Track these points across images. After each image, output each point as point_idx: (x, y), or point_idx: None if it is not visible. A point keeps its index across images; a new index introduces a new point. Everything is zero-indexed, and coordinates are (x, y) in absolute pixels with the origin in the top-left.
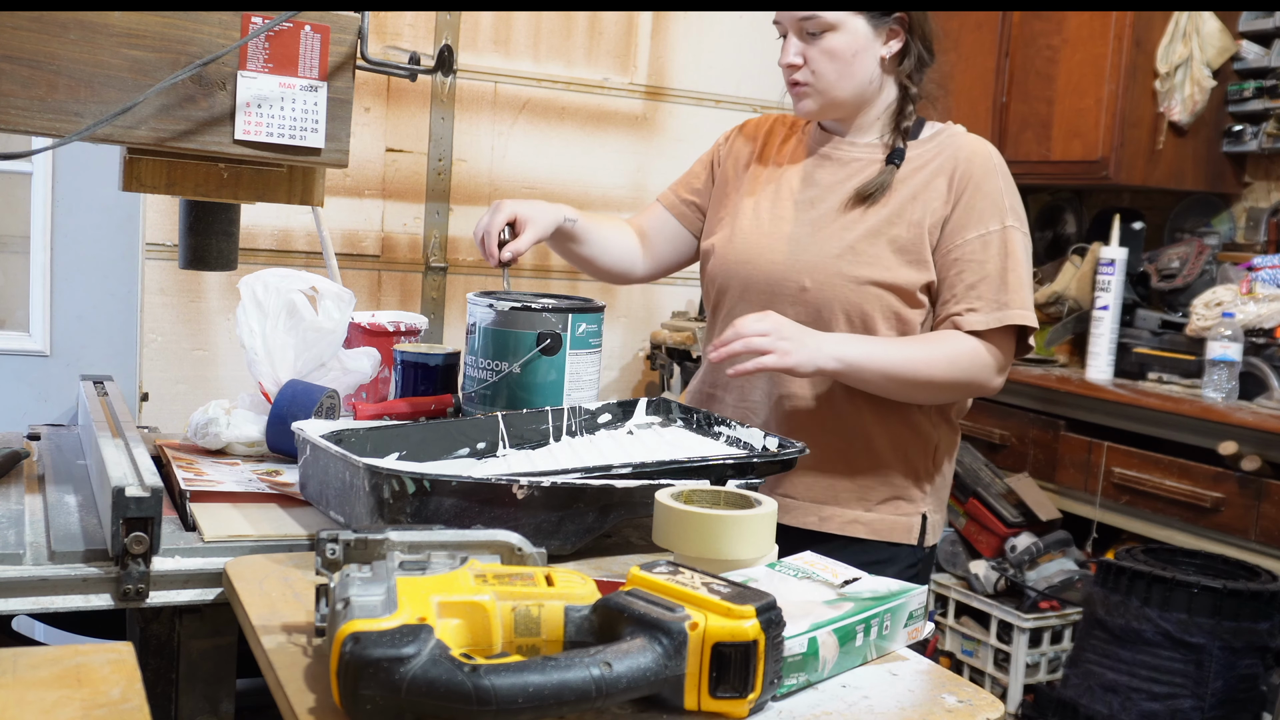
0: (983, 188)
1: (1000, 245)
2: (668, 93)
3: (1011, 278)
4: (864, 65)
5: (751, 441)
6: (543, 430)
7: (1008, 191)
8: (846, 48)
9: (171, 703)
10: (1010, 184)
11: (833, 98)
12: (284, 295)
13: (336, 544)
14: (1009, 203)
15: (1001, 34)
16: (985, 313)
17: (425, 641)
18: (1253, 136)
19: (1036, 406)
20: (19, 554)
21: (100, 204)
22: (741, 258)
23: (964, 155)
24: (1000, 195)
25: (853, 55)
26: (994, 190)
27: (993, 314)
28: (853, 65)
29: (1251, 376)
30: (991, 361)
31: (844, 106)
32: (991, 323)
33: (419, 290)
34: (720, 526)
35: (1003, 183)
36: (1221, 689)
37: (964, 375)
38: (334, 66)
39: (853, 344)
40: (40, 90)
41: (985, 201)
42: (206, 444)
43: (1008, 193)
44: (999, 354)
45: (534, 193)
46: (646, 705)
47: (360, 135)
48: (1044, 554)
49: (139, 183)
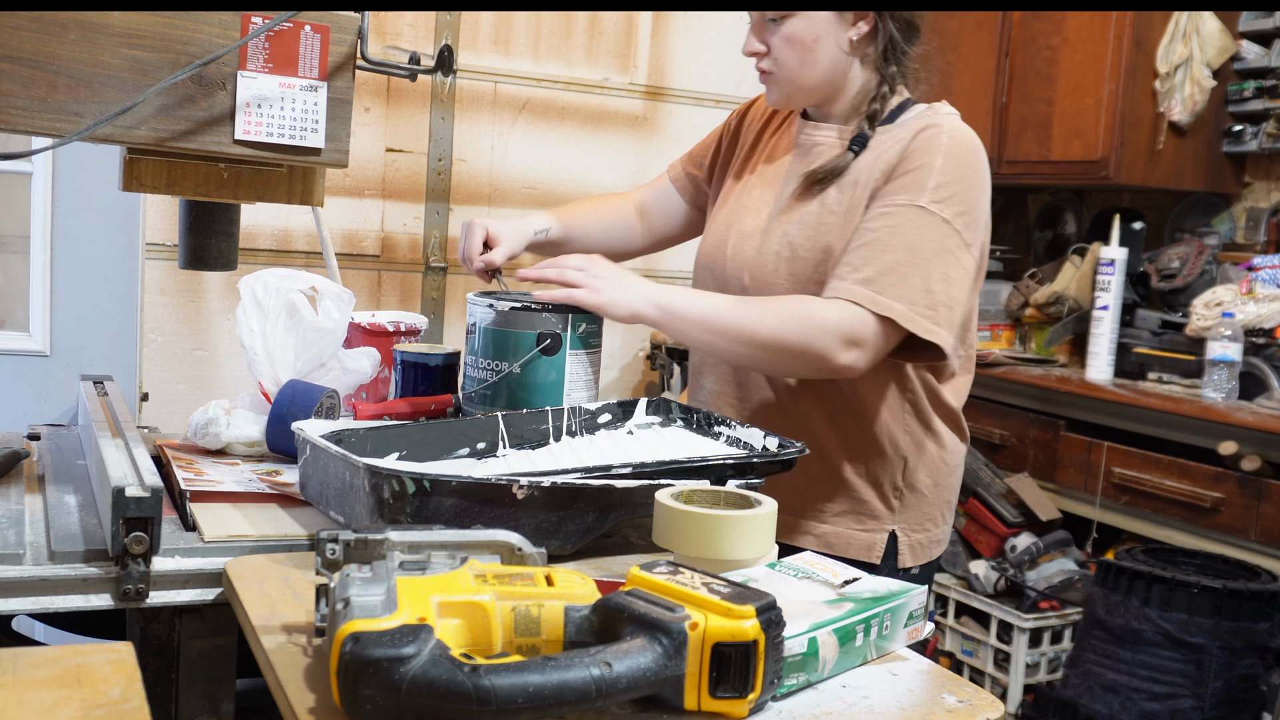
0: (914, 162)
1: (897, 221)
2: (668, 93)
3: (889, 257)
4: (827, 50)
5: (751, 441)
6: (543, 430)
7: (942, 171)
8: (806, 33)
9: (171, 703)
10: (957, 166)
11: (798, 85)
12: (284, 295)
13: (336, 544)
14: (934, 183)
15: (1001, 34)
16: (843, 280)
17: (425, 641)
18: (1253, 136)
19: (1036, 406)
20: (19, 554)
21: (100, 204)
22: (707, 251)
23: (916, 130)
24: (928, 172)
25: (814, 40)
26: (924, 165)
27: (845, 284)
28: (815, 51)
29: (1251, 376)
30: (835, 332)
31: (811, 94)
32: (840, 293)
33: (419, 290)
34: (720, 526)
35: (941, 161)
36: (1221, 689)
37: (795, 340)
38: (334, 66)
39: (676, 293)
40: (40, 90)
41: (908, 176)
42: (206, 444)
43: (941, 172)
44: (852, 329)
45: (534, 193)
46: (646, 705)
47: (360, 135)
48: (1044, 554)
49: (139, 183)
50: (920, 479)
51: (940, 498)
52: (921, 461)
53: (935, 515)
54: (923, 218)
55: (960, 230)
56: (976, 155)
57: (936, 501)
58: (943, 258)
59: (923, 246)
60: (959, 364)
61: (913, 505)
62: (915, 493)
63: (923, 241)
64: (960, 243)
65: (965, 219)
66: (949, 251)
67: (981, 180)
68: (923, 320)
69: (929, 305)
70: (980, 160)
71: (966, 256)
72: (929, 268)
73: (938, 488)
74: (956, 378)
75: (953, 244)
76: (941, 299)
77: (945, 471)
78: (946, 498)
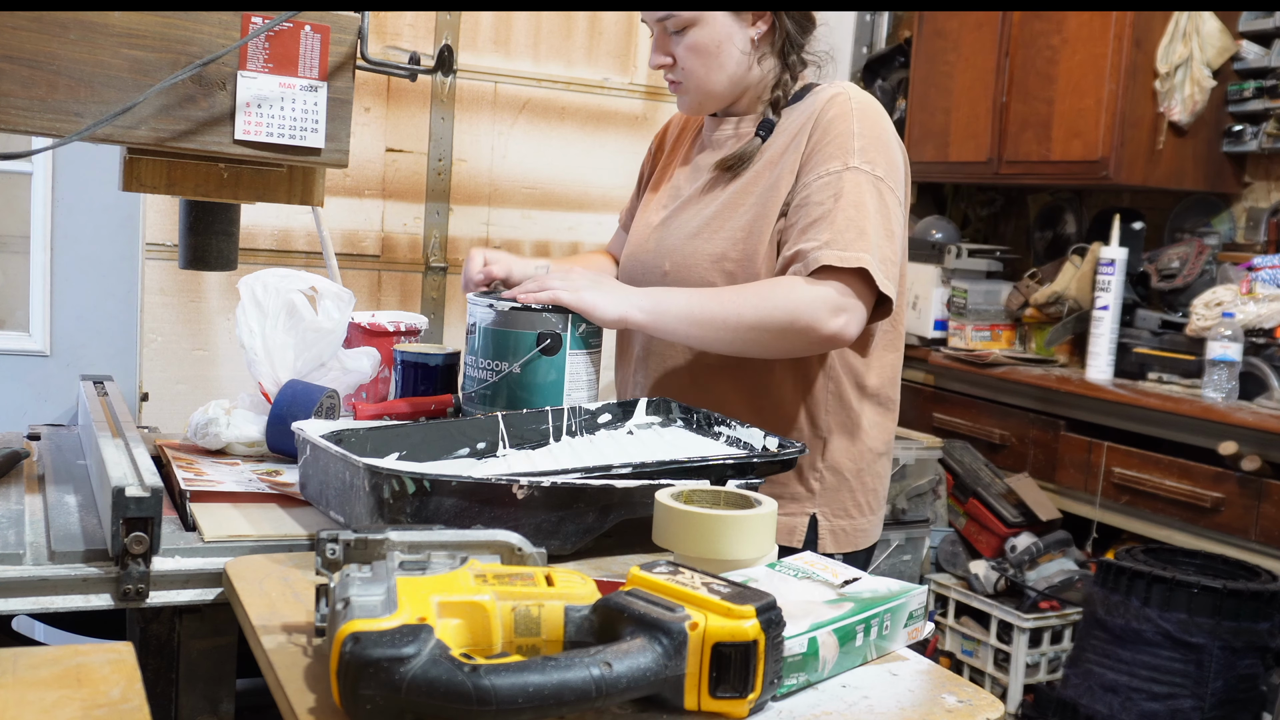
0: (832, 129)
1: (837, 186)
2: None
3: (841, 217)
4: (730, 54)
5: (751, 441)
6: (543, 430)
7: (861, 134)
8: (709, 41)
9: (171, 703)
10: (871, 127)
11: (707, 91)
12: (283, 295)
13: (336, 544)
14: (859, 145)
15: (1001, 34)
16: (807, 252)
17: (425, 641)
18: (1253, 136)
19: (1036, 406)
20: (19, 554)
21: (100, 204)
22: (628, 254)
23: (822, 101)
24: (849, 136)
25: (717, 47)
26: (843, 131)
27: (812, 254)
28: (719, 57)
29: (1251, 376)
30: (822, 300)
31: (722, 97)
32: (810, 264)
33: (419, 290)
34: (720, 526)
35: (857, 125)
36: (1221, 689)
37: (782, 316)
38: (334, 66)
39: (657, 293)
40: (40, 90)
41: (832, 144)
42: (206, 444)
43: (861, 135)
44: (834, 294)
45: (534, 192)
46: (646, 705)
47: (360, 135)
48: (1044, 554)
49: (139, 183)
50: (842, 462)
51: (864, 484)
52: (843, 443)
53: (861, 503)
54: (858, 177)
55: (893, 187)
56: (884, 116)
57: (860, 488)
58: (883, 214)
59: (866, 203)
60: (884, 340)
61: (834, 489)
62: (837, 475)
63: (865, 199)
64: (895, 199)
65: (892, 177)
66: (887, 207)
67: (894, 139)
68: (881, 275)
69: (882, 259)
70: (887, 120)
71: (900, 212)
72: (876, 224)
73: (861, 473)
74: (881, 354)
75: (889, 200)
76: (889, 255)
77: (869, 457)
78: (872, 485)
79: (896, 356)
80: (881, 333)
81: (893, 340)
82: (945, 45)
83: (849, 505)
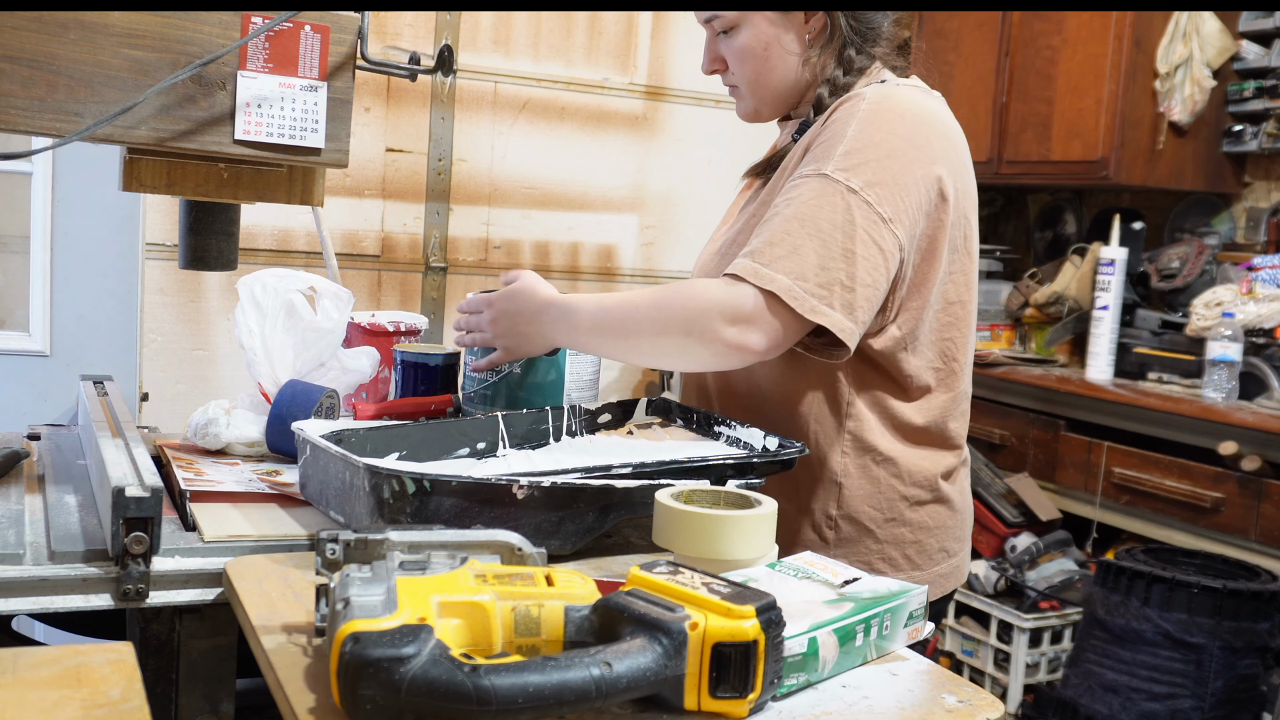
0: (827, 132)
1: (796, 192)
2: (668, 93)
3: (778, 228)
4: (780, 57)
5: (751, 441)
6: (543, 430)
7: (854, 139)
8: (755, 43)
9: (171, 703)
10: (873, 133)
11: (761, 96)
12: (282, 295)
13: (336, 544)
14: (842, 150)
15: (1001, 34)
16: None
17: (425, 641)
18: (1253, 136)
19: (1036, 406)
20: (19, 554)
21: (100, 204)
22: None
23: (843, 99)
24: (837, 141)
25: (764, 49)
26: (834, 135)
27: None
28: (769, 59)
29: (1251, 376)
30: (714, 307)
31: (779, 102)
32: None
33: (419, 290)
34: (720, 526)
35: (854, 129)
36: (1221, 689)
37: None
38: (334, 66)
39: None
40: (40, 90)
41: (819, 148)
42: (206, 444)
43: (852, 140)
44: (732, 304)
45: (534, 193)
46: (646, 705)
47: (360, 135)
48: (1044, 554)
49: (139, 183)
50: (861, 509)
51: (894, 536)
52: (863, 489)
53: (893, 557)
54: (824, 186)
55: (873, 202)
56: (904, 121)
57: (889, 540)
58: (845, 230)
59: (819, 217)
60: (934, 379)
61: (852, 539)
62: (856, 525)
63: (821, 211)
64: (873, 216)
65: (880, 190)
66: (855, 225)
67: (908, 150)
68: (810, 299)
69: (822, 283)
70: (909, 129)
71: (884, 232)
72: (827, 240)
73: (891, 524)
74: (934, 395)
75: (861, 217)
76: (839, 278)
77: (902, 505)
78: (910, 538)
79: (951, 395)
80: (931, 370)
81: (945, 378)
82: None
83: (874, 560)
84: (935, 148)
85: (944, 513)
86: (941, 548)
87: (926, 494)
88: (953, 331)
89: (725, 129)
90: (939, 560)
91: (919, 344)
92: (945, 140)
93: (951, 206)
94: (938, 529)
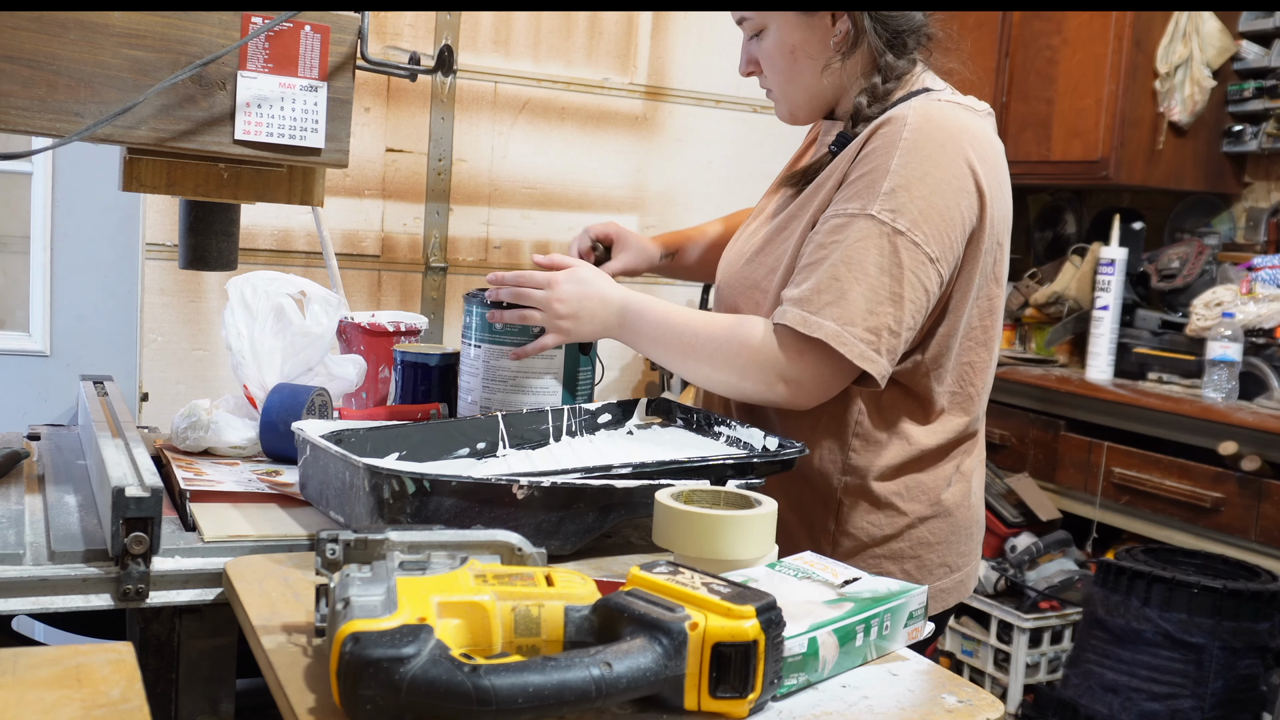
0: (871, 159)
1: (842, 232)
2: (668, 93)
3: (826, 273)
4: (808, 61)
5: (751, 441)
6: (543, 430)
7: (898, 172)
8: (780, 46)
9: (171, 703)
10: (918, 164)
11: (793, 99)
12: (272, 298)
13: (336, 544)
14: (888, 187)
15: (1001, 34)
16: (786, 305)
17: (425, 641)
18: (1253, 136)
19: (1036, 406)
20: (19, 554)
21: (100, 204)
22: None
23: (882, 120)
24: (881, 175)
25: (790, 52)
26: (878, 167)
27: (787, 308)
28: (797, 63)
29: (1251, 376)
30: (772, 362)
31: (812, 104)
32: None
33: (419, 290)
34: (720, 526)
35: (898, 161)
36: (1221, 689)
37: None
38: (334, 66)
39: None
40: (40, 90)
41: (862, 179)
42: (187, 447)
43: (897, 174)
44: (782, 363)
45: (534, 192)
46: (646, 705)
47: (360, 135)
48: (1044, 554)
49: (139, 183)
50: (860, 524)
51: (895, 551)
52: (862, 505)
53: (889, 572)
54: (869, 228)
55: (920, 243)
56: (946, 151)
57: (886, 555)
58: (892, 274)
59: (866, 260)
60: (949, 402)
61: (850, 555)
62: (854, 540)
63: (868, 255)
64: (921, 257)
65: (927, 229)
66: (902, 268)
67: (952, 181)
68: (858, 345)
69: (870, 328)
70: (951, 157)
71: (930, 273)
72: (875, 285)
73: (893, 540)
74: (945, 416)
75: (908, 258)
76: (886, 323)
77: (904, 521)
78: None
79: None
80: (949, 394)
81: (961, 402)
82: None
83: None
84: (978, 176)
85: (945, 528)
86: (942, 563)
87: (928, 510)
88: (971, 356)
89: (725, 129)
90: (939, 575)
91: (943, 370)
92: (985, 165)
93: (987, 234)
94: (939, 544)
